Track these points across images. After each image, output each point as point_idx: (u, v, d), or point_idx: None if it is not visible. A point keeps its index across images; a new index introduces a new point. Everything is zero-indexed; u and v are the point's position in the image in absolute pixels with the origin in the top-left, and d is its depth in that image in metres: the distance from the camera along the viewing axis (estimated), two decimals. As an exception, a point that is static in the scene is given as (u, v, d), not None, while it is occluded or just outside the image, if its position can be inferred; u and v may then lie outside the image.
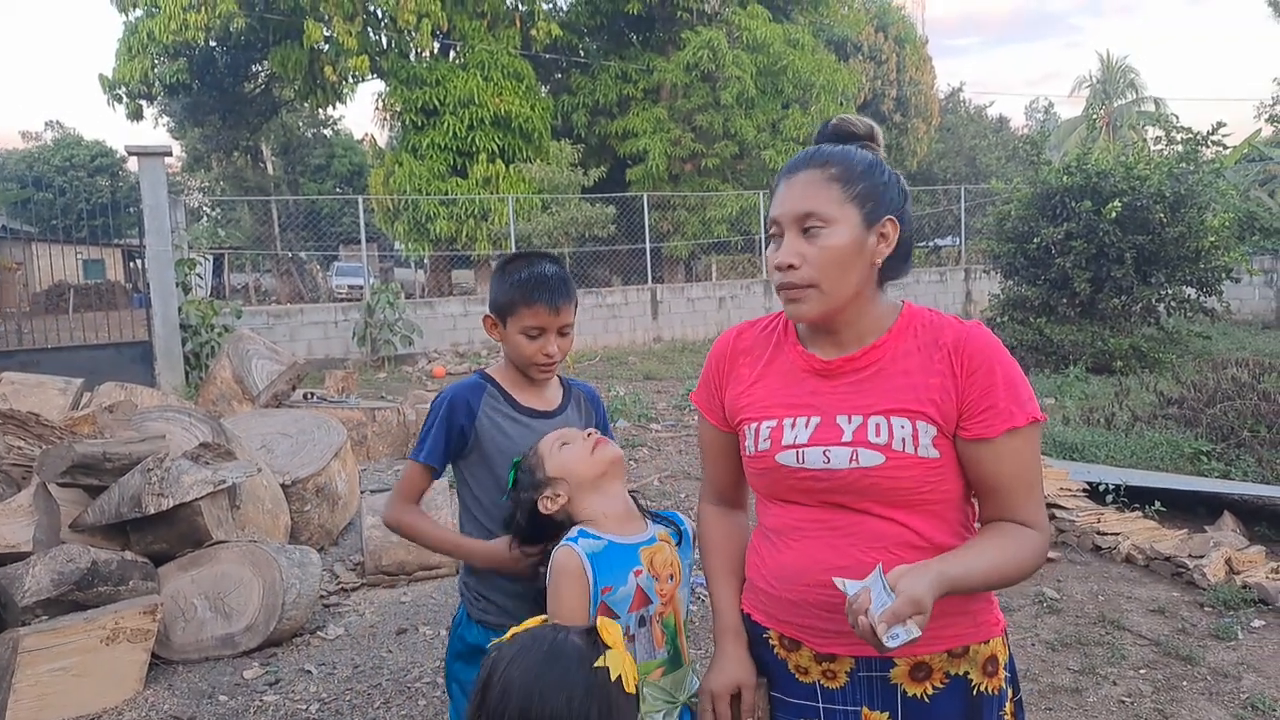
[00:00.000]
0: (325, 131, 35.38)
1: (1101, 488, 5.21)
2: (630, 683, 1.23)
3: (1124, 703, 3.16)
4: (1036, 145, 11.92)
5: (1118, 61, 34.88)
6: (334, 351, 13.27)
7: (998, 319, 11.14)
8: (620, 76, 19.28)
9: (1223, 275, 10.42)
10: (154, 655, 3.45)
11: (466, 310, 14.45)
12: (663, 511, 1.80)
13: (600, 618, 1.26)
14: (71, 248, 16.44)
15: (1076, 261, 10.10)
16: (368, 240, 15.55)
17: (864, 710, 1.42)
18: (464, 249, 17.19)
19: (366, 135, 33.85)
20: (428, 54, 17.95)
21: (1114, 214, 9.70)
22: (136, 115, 18.42)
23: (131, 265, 23.76)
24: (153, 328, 10.21)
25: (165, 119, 25.53)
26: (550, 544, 1.66)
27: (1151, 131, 17.37)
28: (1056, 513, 4.88)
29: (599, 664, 1.18)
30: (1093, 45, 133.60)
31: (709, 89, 18.52)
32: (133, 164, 11.84)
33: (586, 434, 1.76)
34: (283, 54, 17.45)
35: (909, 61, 26.15)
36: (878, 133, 1.49)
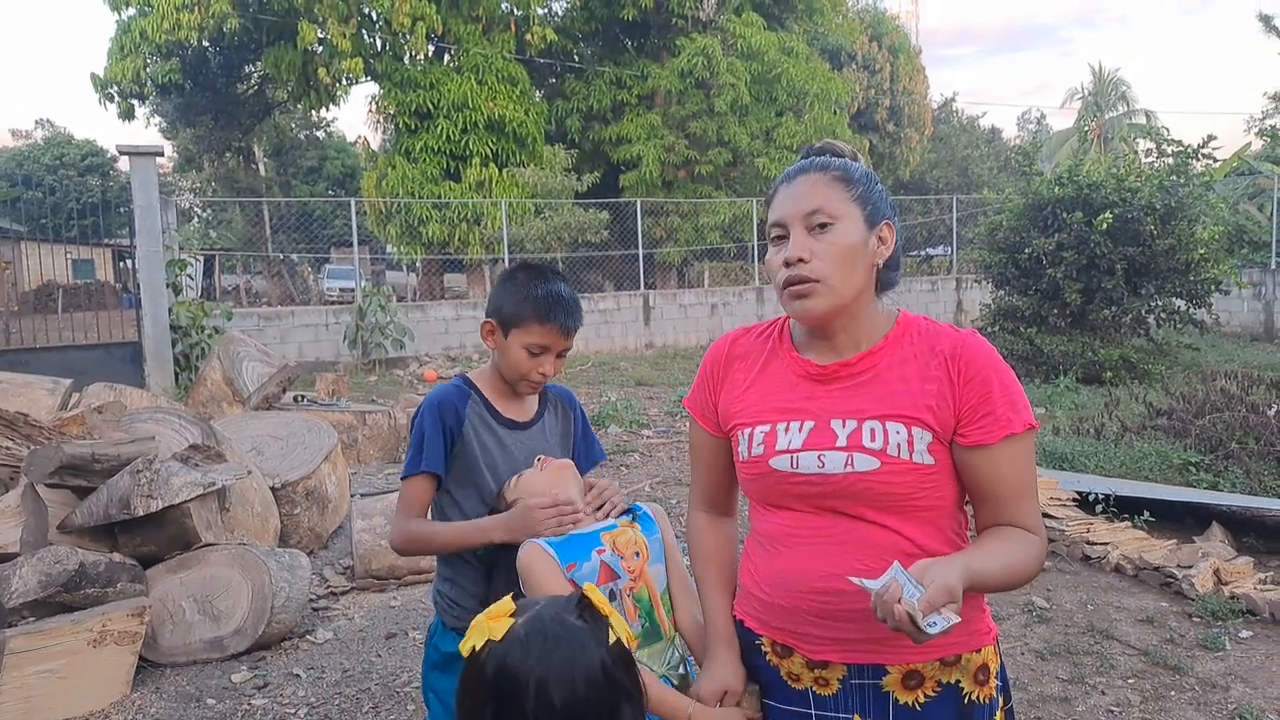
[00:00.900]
0: (318, 133, 35.33)
1: (1091, 498, 5.23)
2: (630, 639, 1.24)
3: (1112, 712, 3.17)
4: (1028, 156, 12.00)
5: (1110, 74, 35.15)
6: (325, 354, 13.23)
7: (989, 329, 11.17)
8: (614, 82, 19.32)
9: (1212, 287, 10.48)
10: (141, 658, 3.43)
11: (458, 314, 14.43)
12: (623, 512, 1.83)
13: (587, 585, 1.25)
14: (61, 247, 16.37)
15: (1067, 272, 10.15)
16: (360, 243, 15.53)
17: (856, 718, 1.42)
18: (456, 253, 17.17)
19: (359, 138, 33.86)
20: (422, 57, 17.97)
21: (1105, 225, 9.76)
22: (128, 115, 18.35)
23: (121, 265, 23.64)
24: (142, 328, 10.15)
25: (157, 119, 25.46)
26: None
27: (1142, 144, 17.53)
28: (1046, 522, 4.90)
29: (611, 639, 1.16)
30: (1085, 57, 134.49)
31: (703, 96, 18.58)
32: (124, 163, 11.78)
33: (537, 460, 1.84)
34: (276, 55, 17.42)
35: (902, 71, 26.28)
36: (861, 157, 1.52)
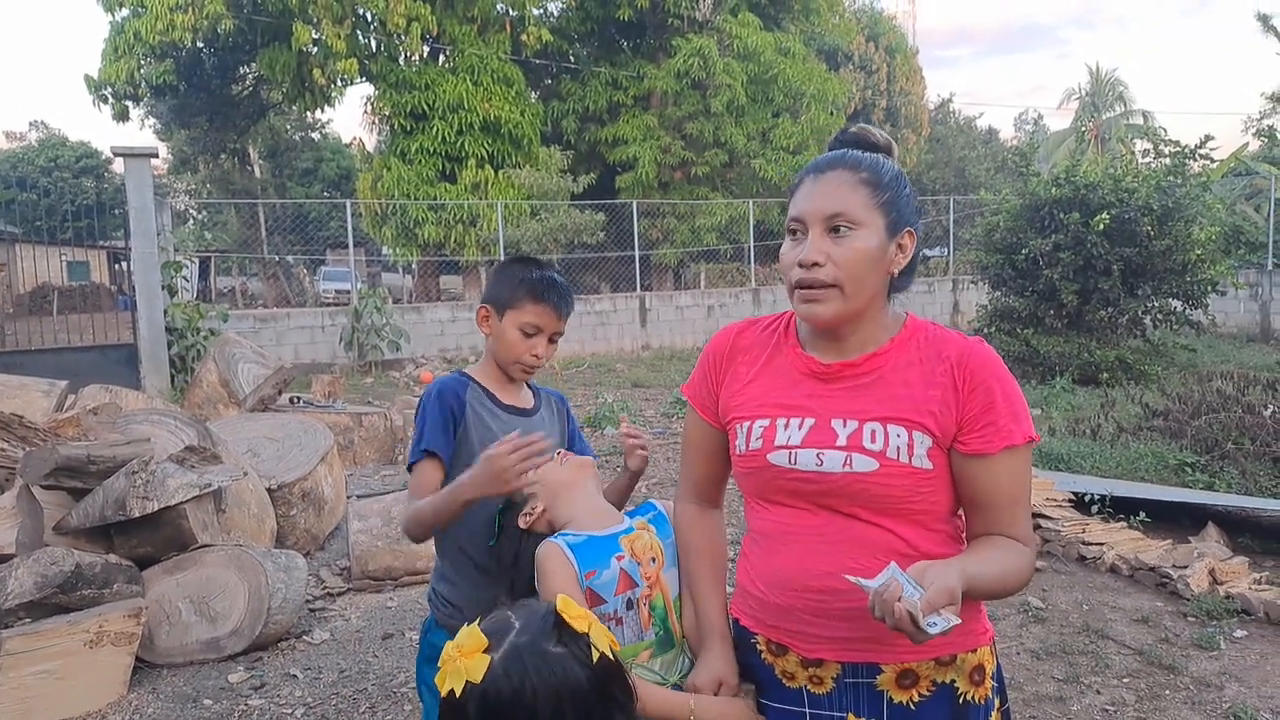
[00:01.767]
0: (313, 135, 35.28)
1: (1087, 498, 5.24)
2: (613, 645, 1.21)
3: (1107, 711, 3.18)
4: (1025, 157, 12.00)
5: (1107, 74, 35.10)
6: (321, 356, 13.21)
7: (985, 330, 11.18)
8: (610, 83, 19.32)
9: (1208, 288, 10.49)
10: (138, 659, 3.43)
11: (454, 316, 14.41)
12: (637, 509, 1.83)
13: (560, 596, 1.22)
14: (56, 249, 16.32)
15: (1064, 273, 10.16)
16: (355, 245, 15.50)
17: (850, 716, 1.42)
18: (452, 254, 17.16)
19: (355, 139, 33.86)
20: (417, 58, 17.93)
21: (1102, 226, 9.77)
22: (123, 116, 18.29)
23: (116, 267, 23.61)
24: (138, 330, 10.13)
25: (151, 120, 25.41)
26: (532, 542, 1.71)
27: (1140, 144, 17.54)
28: (1042, 523, 4.91)
29: (594, 656, 1.14)
30: (1082, 58, 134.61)
31: (699, 97, 18.58)
32: (118, 165, 11.77)
33: (557, 453, 1.84)
34: (271, 56, 17.38)
35: (899, 72, 26.33)
36: (894, 149, 1.50)
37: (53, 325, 11.91)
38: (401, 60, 17.72)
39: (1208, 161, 11.37)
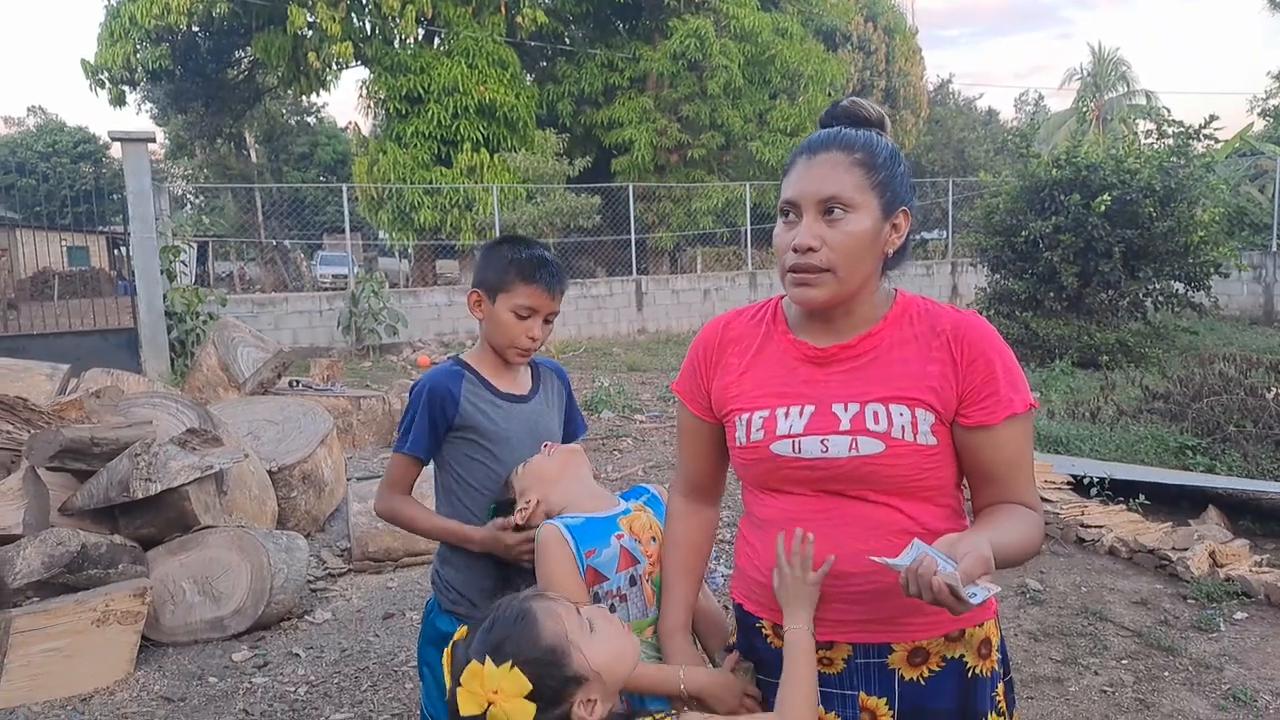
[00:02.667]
0: (309, 119, 35.11)
1: (1086, 481, 5.24)
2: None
3: (1105, 692, 3.19)
4: (1026, 137, 11.94)
5: (1109, 54, 34.83)
6: (319, 341, 13.21)
7: (984, 313, 11.17)
8: (606, 65, 19.18)
9: (1211, 270, 10.43)
10: (144, 638, 3.45)
11: (451, 300, 14.39)
12: (629, 492, 1.84)
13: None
14: (56, 234, 16.28)
15: (1064, 255, 10.13)
16: (352, 229, 15.46)
17: (860, 694, 1.42)
18: (448, 239, 17.09)
19: (350, 123, 33.69)
20: (412, 41, 17.80)
21: (1103, 208, 9.72)
22: (119, 101, 18.17)
23: (116, 253, 23.51)
24: (138, 315, 10.12)
25: (148, 105, 25.25)
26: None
27: (1142, 125, 17.43)
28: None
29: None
30: (1084, 37, 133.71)
31: (696, 79, 18.45)
32: (116, 150, 11.71)
33: (544, 445, 1.88)
34: (266, 40, 17.25)
35: (898, 52, 26.15)
36: (888, 122, 1.47)
37: (54, 310, 11.87)
38: (396, 43, 17.58)
39: (1212, 142, 11.27)
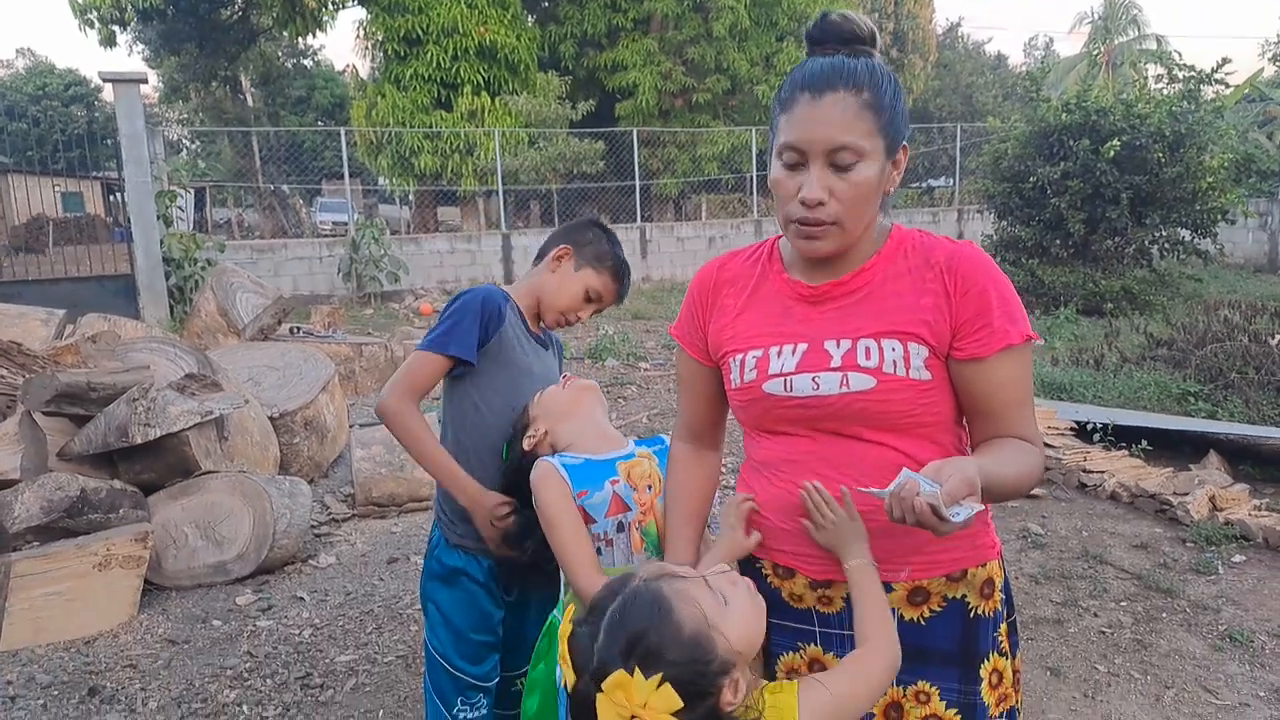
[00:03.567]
0: (305, 62, 34.46)
1: (1089, 427, 5.25)
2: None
3: (1104, 633, 3.22)
4: (1035, 81, 11.72)
5: (1120, -3, 34.09)
6: (319, 288, 13.14)
7: (990, 260, 11.10)
8: (609, 5, 18.72)
9: (1218, 217, 10.36)
10: (147, 582, 3.47)
11: (453, 247, 14.29)
12: (647, 439, 1.85)
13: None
14: (49, 180, 16.07)
15: (1072, 202, 10.02)
16: (351, 175, 15.26)
17: (859, 635, 1.41)
18: (450, 184, 16.90)
19: (348, 66, 33.12)
20: (411, -21, 17.38)
21: (1112, 153, 9.59)
22: (109, 41, 17.79)
23: (111, 199, 23.32)
24: (135, 261, 10.06)
25: (140, 46, 24.76)
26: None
27: (1153, 69, 17.12)
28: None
29: None
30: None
31: (701, 20, 18.06)
32: (108, 94, 11.50)
33: (562, 376, 1.95)
34: (260, -22, 16.89)
35: (906, -6, 25.57)
36: (878, 38, 1.37)
37: (49, 257, 11.80)
38: (394, -18, 17.17)
39: (1223, 86, 11.09)
